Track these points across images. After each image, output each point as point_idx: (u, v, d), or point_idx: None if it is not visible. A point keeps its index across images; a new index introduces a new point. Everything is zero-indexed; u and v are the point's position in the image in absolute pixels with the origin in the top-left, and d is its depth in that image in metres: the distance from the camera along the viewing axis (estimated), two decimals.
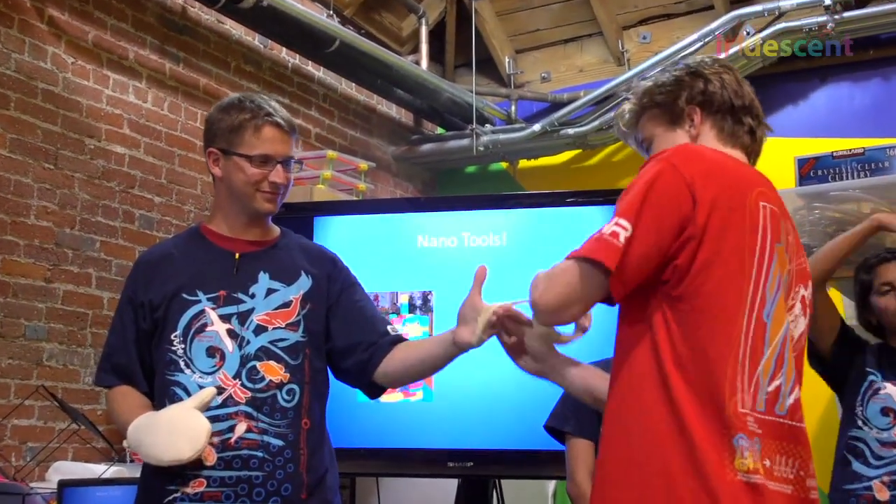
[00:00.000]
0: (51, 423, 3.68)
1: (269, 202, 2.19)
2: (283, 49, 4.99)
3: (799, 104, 5.21)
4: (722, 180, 1.70)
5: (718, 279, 1.65)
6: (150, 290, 2.16)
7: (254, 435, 2.07)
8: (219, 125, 2.20)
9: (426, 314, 3.62)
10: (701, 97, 1.88)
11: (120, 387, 2.18)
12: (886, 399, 2.96)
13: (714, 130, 1.87)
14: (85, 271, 3.88)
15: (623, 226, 1.64)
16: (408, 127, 6.04)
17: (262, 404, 2.09)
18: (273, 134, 2.17)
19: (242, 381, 2.09)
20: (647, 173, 1.70)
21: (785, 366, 1.70)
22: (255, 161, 2.15)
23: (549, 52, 6.01)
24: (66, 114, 3.85)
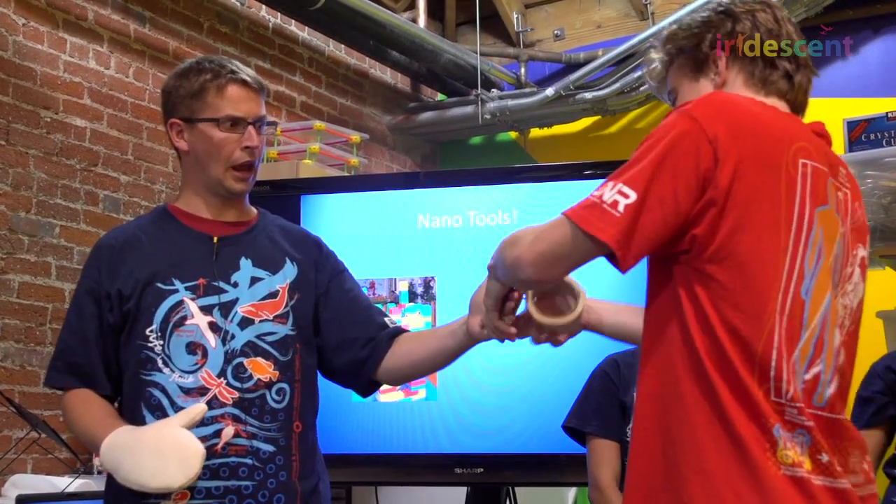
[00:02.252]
0: (7, 432, 3.68)
1: (242, 181, 2.17)
2: (262, 7, 4.96)
3: (848, 59, 5.17)
4: (753, 135, 1.65)
5: (747, 251, 1.61)
6: (118, 279, 2.13)
7: (242, 440, 2.06)
8: (178, 93, 2.19)
9: (428, 303, 3.61)
10: (729, 40, 1.81)
11: (77, 390, 2.14)
12: None
13: (742, 76, 1.81)
14: (43, 260, 3.87)
15: (625, 193, 1.59)
16: (404, 93, 6.02)
17: (250, 406, 2.08)
18: (239, 93, 2.16)
19: (228, 380, 2.07)
20: (663, 128, 1.65)
21: (825, 350, 1.68)
22: (223, 124, 2.13)
23: (563, 7, 5.99)
24: (18, 82, 3.83)
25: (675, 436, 1.63)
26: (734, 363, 1.59)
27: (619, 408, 2.85)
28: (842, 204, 1.75)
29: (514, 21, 5.97)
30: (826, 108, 5.05)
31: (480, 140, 6.12)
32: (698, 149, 1.61)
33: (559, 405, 2.95)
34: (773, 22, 1.82)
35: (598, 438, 2.87)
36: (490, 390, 3.50)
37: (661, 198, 1.59)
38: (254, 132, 2.16)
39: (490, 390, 3.50)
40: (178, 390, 2.06)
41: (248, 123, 2.15)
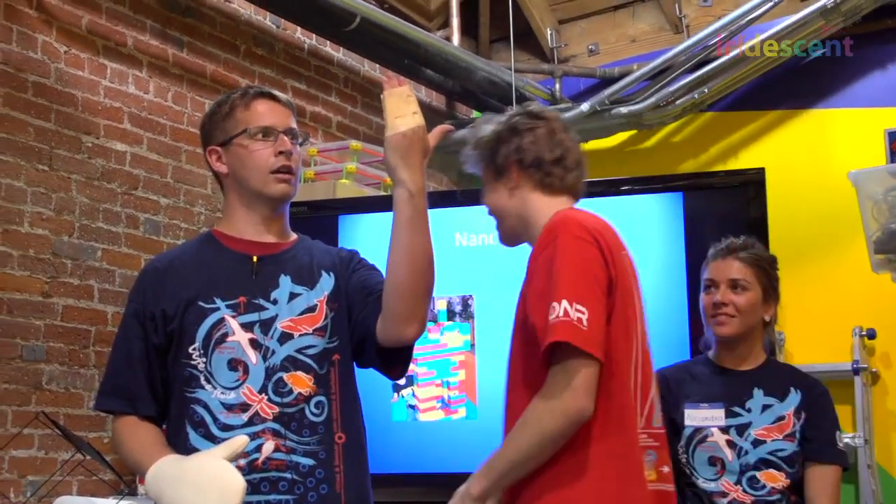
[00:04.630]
0: (53, 454, 3.75)
1: (282, 182, 2.23)
2: (297, 29, 5.04)
3: (888, 68, 5.16)
4: (607, 237, 2.15)
5: (615, 325, 2.10)
6: (162, 300, 2.20)
7: (281, 455, 2.11)
8: (212, 121, 2.31)
9: (467, 321, 3.65)
10: (516, 154, 2.29)
11: (126, 418, 2.21)
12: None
13: (531, 183, 2.28)
14: (86, 283, 3.95)
15: (580, 310, 2.02)
16: (439, 111, 6.07)
17: (289, 420, 2.13)
18: (266, 105, 2.27)
19: (269, 396, 2.13)
20: (557, 253, 2.09)
21: (652, 380, 2.21)
22: (255, 134, 2.21)
23: (597, 22, 6.01)
24: (60, 109, 3.91)
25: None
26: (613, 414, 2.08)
27: (669, 424, 2.86)
28: (631, 266, 2.22)
29: (548, 37, 6.00)
30: (866, 118, 5.05)
31: None
32: (597, 257, 2.09)
33: None
34: (547, 136, 2.29)
35: None
36: None
37: (601, 305, 2.06)
38: (286, 139, 2.23)
39: None
40: (221, 406, 2.12)
41: (279, 132, 2.22)
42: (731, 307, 2.82)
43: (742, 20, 5.03)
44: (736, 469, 2.76)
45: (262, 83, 4.73)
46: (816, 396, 2.84)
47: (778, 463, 2.75)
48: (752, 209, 3.63)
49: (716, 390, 2.83)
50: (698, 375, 2.90)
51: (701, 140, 5.57)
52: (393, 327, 2.16)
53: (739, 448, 2.77)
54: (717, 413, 2.80)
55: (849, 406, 4.55)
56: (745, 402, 2.81)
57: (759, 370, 2.87)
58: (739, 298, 2.82)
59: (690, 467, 2.80)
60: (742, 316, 2.81)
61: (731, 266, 2.85)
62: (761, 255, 2.90)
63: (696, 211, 3.65)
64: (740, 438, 2.77)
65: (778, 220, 4.03)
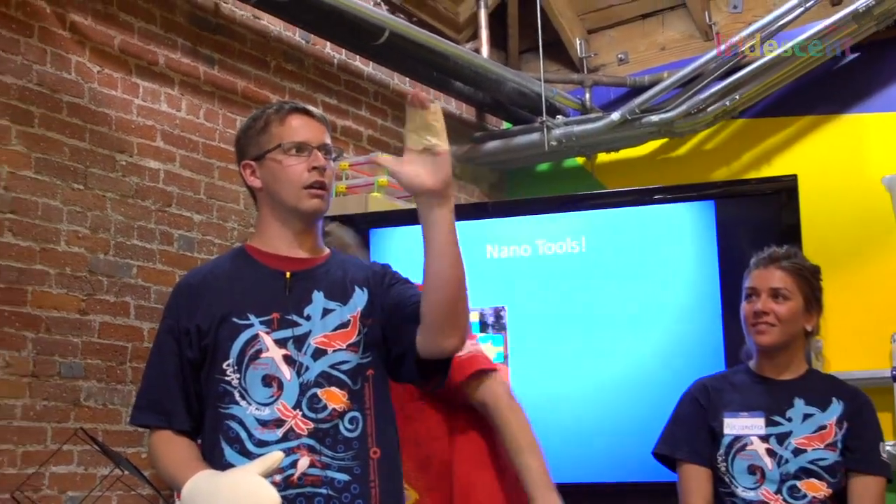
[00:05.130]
0: (92, 470, 3.79)
1: (315, 197, 2.24)
2: (327, 44, 5.08)
3: None
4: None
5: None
6: (196, 316, 2.22)
7: (316, 470, 2.12)
8: (246, 136, 2.32)
9: (500, 332, 3.66)
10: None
11: (162, 432, 2.23)
12: None
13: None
14: (122, 300, 4.00)
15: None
16: (470, 123, 6.09)
17: (324, 436, 2.14)
18: (301, 121, 2.28)
19: (303, 412, 2.14)
20: None
21: None
22: (288, 150, 2.23)
23: (626, 30, 6.03)
24: (94, 128, 3.97)
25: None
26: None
27: (709, 432, 2.85)
28: None
29: (578, 47, 6.01)
30: None
31: (547, 167, 6.16)
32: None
33: (635, 434, 2.96)
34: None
35: (688, 464, 2.86)
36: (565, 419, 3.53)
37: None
38: (319, 154, 2.24)
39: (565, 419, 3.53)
40: (256, 422, 2.13)
41: (312, 148, 2.24)
42: (771, 316, 2.80)
43: (773, 26, 5.03)
44: (776, 478, 2.75)
45: (292, 98, 4.76)
46: (859, 406, 2.82)
47: (819, 472, 2.74)
48: (785, 216, 3.62)
49: (756, 399, 2.82)
50: (738, 384, 2.89)
51: (733, 147, 5.56)
52: (435, 340, 2.14)
53: (780, 457, 2.76)
54: (756, 422, 2.79)
55: (888, 413, 4.52)
56: (786, 411, 2.80)
57: (801, 380, 2.86)
58: (780, 308, 2.81)
59: (730, 476, 2.79)
60: (783, 325, 2.80)
61: (772, 275, 2.84)
62: (804, 264, 2.88)
63: (729, 219, 3.65)
64: (780, 447, 2.76)
65: (812, 227, 4.03)
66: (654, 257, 3.62)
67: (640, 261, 3.71)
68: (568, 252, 3.64)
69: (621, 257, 3.57)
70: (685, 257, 3.66)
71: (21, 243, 3.67)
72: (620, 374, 3.64)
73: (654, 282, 3.66)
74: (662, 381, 3.30)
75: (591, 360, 3.63)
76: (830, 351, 4.68)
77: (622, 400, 3.50)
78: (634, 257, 3.71)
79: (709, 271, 3.60)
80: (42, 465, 3.61)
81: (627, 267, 3.71)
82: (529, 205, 4.08)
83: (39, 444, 3.66)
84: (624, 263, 3.70)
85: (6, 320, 3.60)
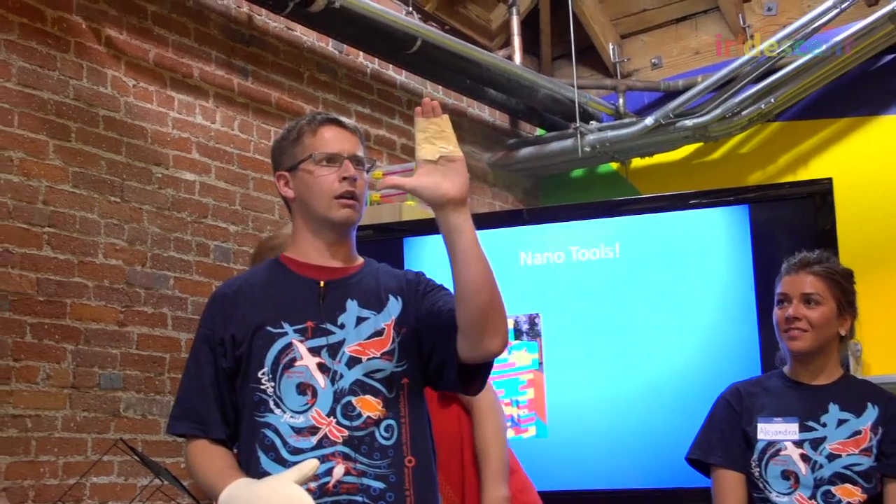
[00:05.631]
0: (132, 480, 3.84)
1: (346, 207, 2.26)
2: (360, 54, 5.12)
3: None
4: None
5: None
6: (231, 325, 2.24)
7: (352, 478, 2.13)
8: (280, 146, 2.36)
9: (534, 339, 3.66)
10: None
11: (198, 441, 2.25)
12: None
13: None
14: (159, 311, 4.05)
15: None
16: (503, 130, 6.11)
17: (359, 443, 2.15)
18: (333, 131, 2.30)
19: (338, 419, 2.16)
20: None
21: None
22: (321, 160, 2.26)
23: (659, 35, 6.02)
24: (130, 141, 4.03)
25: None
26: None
27: (743, 437, 2.85)
28: None
29: (611, 52, 6.02)
30: None
31: (581, 173, 6.17)
32: None
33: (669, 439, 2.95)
34: None
35: (722, 469, 2.85)
36: (600, 425, 3.53)
37: None
38: (350, 165, 2.27)
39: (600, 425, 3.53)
40: (290, 430, 2.15)
41: (344, 159, 2.26)
42: (803, 322, 2.79)
43: (808, 28, 5.01)
44: (810, 483, 2.73)
45: (326, 109, 4.81)
46: (895, 411, 2.81)
47: (854, 477, 2.73)
48: (820, 220, 3.60)
49: (790, 404, 2.81)
50: (772, 389, 2.88)
51: (769, 151, 5.54)
52: (480, 345, 2.13)
53: (814, 462, 2.75)
54: (790, 427, 2.78)
55: None
56: (820, 416, 2.78)
57: (835, 385, 2.84)
58: (812, 313, 2.80)
59: (763, 481, 2.79)
60: (815, 330, 2.79)
61: (803, 280, 2.83)
62: (835, 268, 2.87)
63: (764, 223, 3.64)
64: (815, 452, 2.75)
65: (848, 231, 4.00)
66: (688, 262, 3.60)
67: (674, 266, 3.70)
68: (602, 258, 3.64)
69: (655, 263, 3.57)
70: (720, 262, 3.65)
71: (60, 256, 3.73)
72: (655, 380, 3.63)
73: (689, 287, 3.65)
74: (697, 387, 3.29)
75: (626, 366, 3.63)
76: (869, 354, 4.65)
77: (656, 406, 3.49)
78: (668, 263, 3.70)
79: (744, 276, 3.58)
80: (83, 475, 3.65)
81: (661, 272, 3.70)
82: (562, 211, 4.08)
83: (80, 455, 3.71)
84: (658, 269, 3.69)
85: (46, 333, 3.66)
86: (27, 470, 3.55)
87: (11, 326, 3.56)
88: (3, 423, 3.49)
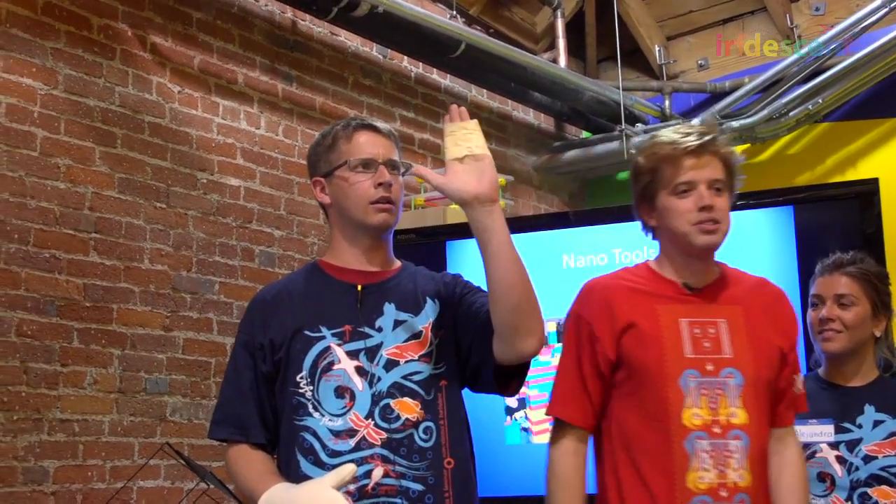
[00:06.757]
0: (178, 484, 3.87)
1: (382, 212, 2.27)
2: (404, 58, 5.13)
3: None
4: None
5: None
6: (270, 330, 2.26)
7: (391, 480, 2.14)
8: (316, 152, 2.37)
9: None
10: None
11: (238, 446, 2.28)
12: None
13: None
14: (205, 316, 4.07)
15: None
16: (548, 133, 6.09)
17: (398, 446, 2.16)
18: (367, 137, 2.31)
19: (376, 421, 2.17)
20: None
21: None
22: (354, 167, 2.26)
23: (706, 36, 5.98)
24: (176, 147, 4.06)
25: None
26: None
27: None
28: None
29: (656, 54, 5.99)
30: None
31: (627, 175, 6.09)
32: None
33: None
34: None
35: None
36: None
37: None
38: (385, 171, 2.27)
39: None
40: (329, 433, 2.17)
41: (378, 164, 2.27)
42: (837, 323, 2.78)
43: (856, 27, 4.95)
44: (846, 485, 2.71)
45: (370, 113, 4.82)
46: None
47: (890, 479, 2.70)
48: (866, 221, 3.55)
49: (825, 406, 2.79)
50: (807, 392, 2.86)
51: (816, 152, 5.48)
52: (515, 345, 2.14)
53: (850, 464, 2.72)
54: (825, 429, 2.75)
55: None
56: (856, 418, 2.76)
57: (871, 386, 2.82)
58: (846, 314, 2.78)
59: None
60: (849, 332, 2.77)
61: (837, 281, 2.82)
62: (870, 269, 2.84)
63: (808, 225, 3.59)
64: (850, 454, 2.73)
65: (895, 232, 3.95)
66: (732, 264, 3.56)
67: None
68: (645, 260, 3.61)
69: None
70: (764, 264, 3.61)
71: (106, 262, 3.77)
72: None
73: None
74: None
75: None
76: None
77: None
78: None
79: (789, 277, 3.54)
80: (130, 479, 3.69)
81: None
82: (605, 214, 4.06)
83: (127, 460, 3.75)
84: None
85: (93, 338, 3.70)
86: (75, 474, 3.59)
87: (59, 332, 3.61)
88: (51, 427, 3.54)
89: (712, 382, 2.26)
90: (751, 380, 2.27)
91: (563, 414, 2.36)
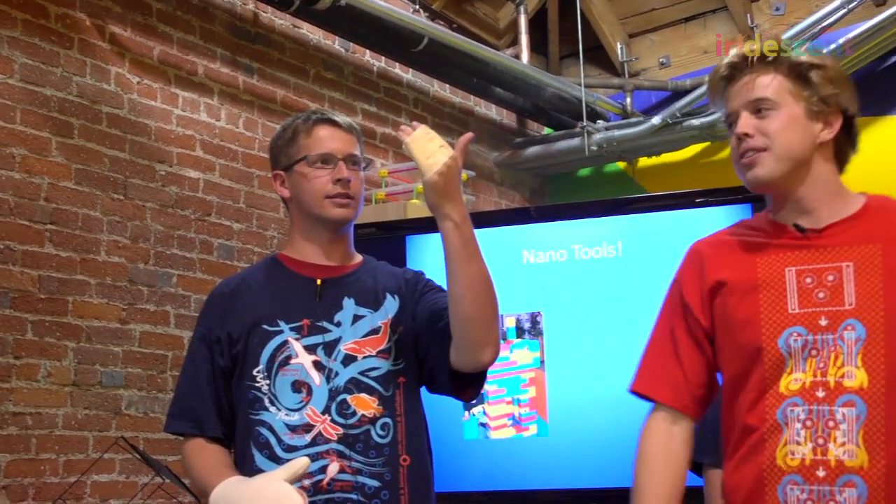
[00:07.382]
0: (133, 478, 3.83)
1: (340, 207, 2.25)
2: (366, 52, 5.10)
3: None
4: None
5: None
6: (227, 324, 2.25)
7: (347, 476, 2.14)
8: (276, 145, 2.36)
9: (536, 338, 3.65)
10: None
11: (194, 440, 2.26)
12: None
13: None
14: (162, 309, 4.04)
15: None
16: (510, 129, 6.09)
17: (354, 441, 2.16)
18: (327, 131, 2.30)
19: (332, 417, 2.16)
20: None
21: None
22: (314, 162, 2.24)
23: (668, 34, 6.01)
24: (134, 138, 4.02)
25: None
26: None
27: None
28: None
29: (619, 51, 6.00)
30: None
31: (588, 172, 6.14)
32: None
33: None
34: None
35: (715, 470, 2.85)
36: (601, 424, 3.52)
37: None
38: (344, 167, 2.25)
39: (601, 424, 3.52)
40: (285, 428, 2.16)
41: (338, 160, 2.25)
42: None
43: (815, 27, 4.98)
44: None
45: (332, 107, 4.80)
46: None
47: None
48: None
49: None
50: None
51: None
52: (468, 355, 2.15)
53: None
54: None
55: None
56: None
57: None
58: None
59: None
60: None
61: None
62: None
63: None
64: None
65: None
66: None
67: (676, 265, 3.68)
68: (604, 257, 3.63)
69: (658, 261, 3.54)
70: None
71: (62, 254, 3.72)
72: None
73: None
74: None
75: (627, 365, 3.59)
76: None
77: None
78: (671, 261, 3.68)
79: None
80: (84, 473, 3.65)
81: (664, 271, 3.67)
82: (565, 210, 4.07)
83: (81, 453, 3.70)
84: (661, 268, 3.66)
85: (48, 330, 3.65)
86: (27, 468, 3.54)
87: (12, 324, 3.56)
88: (3, 420, 3.49)
89: (824, 340, 1.89)
90: (878, 332, 1.85)
91: (646, 389, 2.09)
